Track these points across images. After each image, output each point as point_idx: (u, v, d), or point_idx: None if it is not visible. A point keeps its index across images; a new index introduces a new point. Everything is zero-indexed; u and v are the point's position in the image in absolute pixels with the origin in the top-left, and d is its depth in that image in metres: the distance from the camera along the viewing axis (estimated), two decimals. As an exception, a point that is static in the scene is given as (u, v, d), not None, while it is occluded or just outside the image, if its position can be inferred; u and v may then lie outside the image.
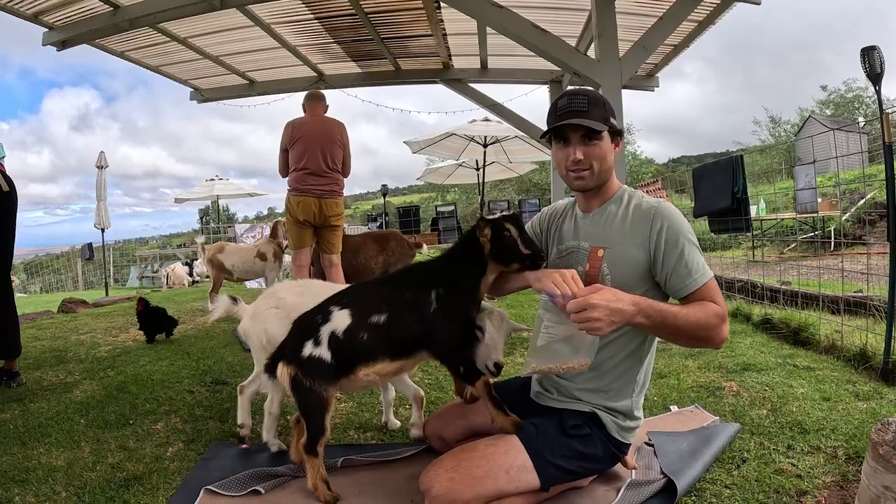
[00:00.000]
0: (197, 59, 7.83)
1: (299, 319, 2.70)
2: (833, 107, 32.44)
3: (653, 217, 2.31)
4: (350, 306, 2.58)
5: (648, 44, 5.01)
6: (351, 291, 2.79)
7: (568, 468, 2.33)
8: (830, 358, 4.28)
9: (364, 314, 2.54)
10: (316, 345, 2.50)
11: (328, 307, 2.61)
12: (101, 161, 16.11)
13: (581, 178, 2.43)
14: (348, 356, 2.51)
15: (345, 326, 2.51)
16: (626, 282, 2.31)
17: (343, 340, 2.49)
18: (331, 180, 5.79)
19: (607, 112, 2.38)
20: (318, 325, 2.55)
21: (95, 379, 4.65)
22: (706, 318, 2.17)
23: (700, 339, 2.23)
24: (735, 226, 6.79)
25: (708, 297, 2.23)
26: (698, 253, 2.28)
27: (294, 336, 2.61)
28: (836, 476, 2.52)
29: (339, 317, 2.55)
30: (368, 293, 2.73)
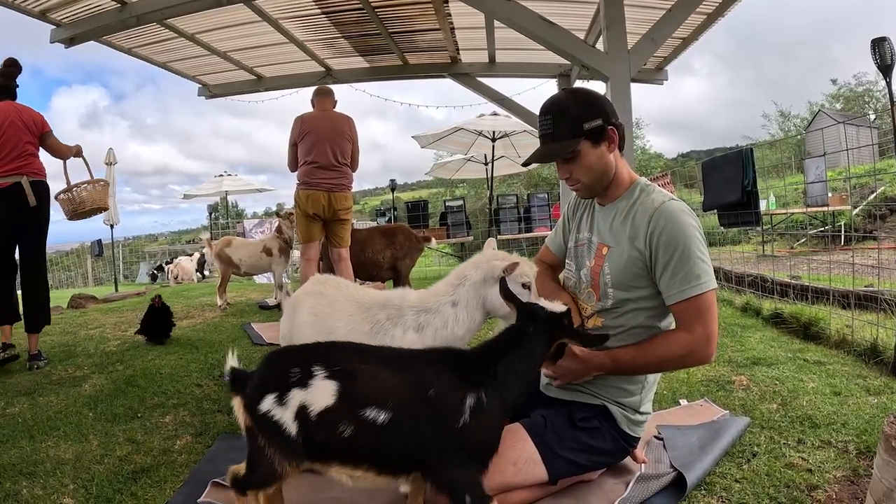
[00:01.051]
0: (205, 54, 7.84)
1: (273, 355, 2.16)
2: (843, 101, 32.22)
3: (652, 217, 2.23)
4: (340, 379, 1.97)
5: (657, 36, 4.98)
6: (353, 353, 2.14)
7: (576, 461, 2.32)
8: (841, 352, 4.25)
9: (356, 400, 1.95)
10: (279, 404, 1.94)
11: (313, 364, 2.01)
12: (109, 158, 16.11)
13: (577, 190, 2.46)
14: (319, 444, 1.95)
15: (322, 407, 1.92)
16: (624, 281, 2.30)
17: (315, 423, 1.92)
18: (340, 174, 5.79)
19: (578, 119, 2.27)
20: (289, 382, 1.97)
21: (104, 373, 4.67)
22: (667, 353, 2.18)
23: (670, 370, 2.25)
24: (745, 220, 6.74)
25: (690, 314, 2.16)
26: (698, 261, 2.15)
27: (260, 374, 2.06)
28: (847, 471, 2.50)
29: (320, 389, 1.95)
30: (375, 369, 2.04)
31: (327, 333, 2.62)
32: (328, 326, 2.67)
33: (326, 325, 2.69)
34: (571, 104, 2.31)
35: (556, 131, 2.29)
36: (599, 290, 2.38)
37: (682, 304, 2.15)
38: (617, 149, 2.36)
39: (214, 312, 7.49)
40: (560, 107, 2.33)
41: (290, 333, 2.88)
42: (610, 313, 2.37)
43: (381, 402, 1.94)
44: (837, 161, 15.30)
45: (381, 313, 2.62)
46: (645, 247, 2.23)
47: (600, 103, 2.34)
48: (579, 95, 2.39)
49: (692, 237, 2.17)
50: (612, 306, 2.36)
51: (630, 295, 2.31)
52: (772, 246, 13.04)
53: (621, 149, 2.39)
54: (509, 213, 14.62)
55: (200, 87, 9.19)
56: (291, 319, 2.90)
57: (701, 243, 2.19)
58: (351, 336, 2.57)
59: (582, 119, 2.27)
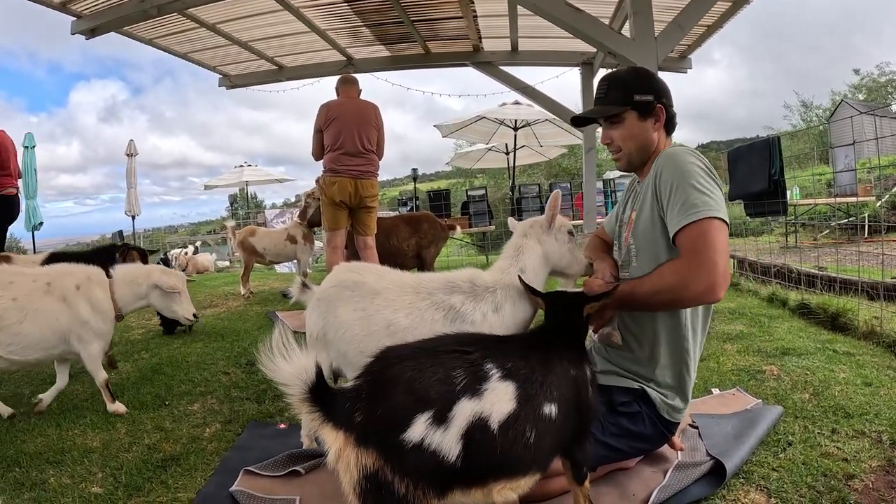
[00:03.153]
0: (226, 44, 7.84)
1: (391, 359, 1.72)
2: (866, 91, 31.79)
3: (656, 163, 2.29)
4: (514, 378, 1.71)
5: (684, 22, 4.91)
6: (500, 345, 1.87)
7: (617, 447, 2.32)
8: (870, 344, 4.21)
9: (534, 399, 1.72)
10: (438, 425, 1.56)
11: (480, 361, 1.70)
12: (130, 149, 16.27)
13: (616, 159, 2.49)
14: (488, 462, 1.63)
15: (505, 414, 1.63)
16: (645, 237, 2.32)
17: (495, 437, 1.61)
18: (367, 161, 5.76)
19: (630, 90, 2.35)
20: (455, 391, 1.61)
21: (130, 361, 4.71)
22: (660, 283, 2.12)
23: (670, 302, 2.17)
24: (771, 209, 6.67)
25: (689, 242, 2.08)
26: (698, 193, 2.09)
27: (390, 392, 1.60)
28: (882, 461, 2.48)
29: (498, 393, 1.66)
30: (531, 359, 1.81)
31: (383, 329, 2.36)
32: (383, 320, 2.37)
33: (380, 319, 2.38)
34: (628, 76, 2.43)
35: (608, 96, 2.38)
36: (625, 252, 2.44)
37: (681, 235, 2.09)
38: (663, 129, 2.41)
39: (238, 301, 7.53)
40: (617, 75, 2.44)
41: (323, 332, 2.55)
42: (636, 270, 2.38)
43: (550, 396, 1.76)
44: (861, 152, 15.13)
45: (452, 298, 2.37)
46: (653, 193, 2.26)
47: (656, 82, 2.40)
48: (638, 70, 2.51)
49: (690, 171, 2.15)
50: (638, 264, 2.37)
51: (650, 249, 2.31)
52: (795, 237, 12.91)
53: (669, 131, 2.44)
54: (531, 202, 14.57)
55: (221, 77, 9.20)
56: (325, 316, 2.54)
57: (701, 177, 2.13)
58: (417, 328, 2.31)
59: (634, 90, 2.34)
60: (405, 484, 1.53)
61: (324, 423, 1.59)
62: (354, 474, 1.54)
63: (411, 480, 1.53)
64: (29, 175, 12.66)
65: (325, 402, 1.60)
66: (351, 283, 2.53)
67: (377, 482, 1.53)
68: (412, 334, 2.27)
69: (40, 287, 3.48)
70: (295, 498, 2.45)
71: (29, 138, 12.73)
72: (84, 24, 6.21)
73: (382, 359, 1.73)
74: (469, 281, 2.42)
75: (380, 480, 1.53)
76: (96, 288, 3.61)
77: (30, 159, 12.63)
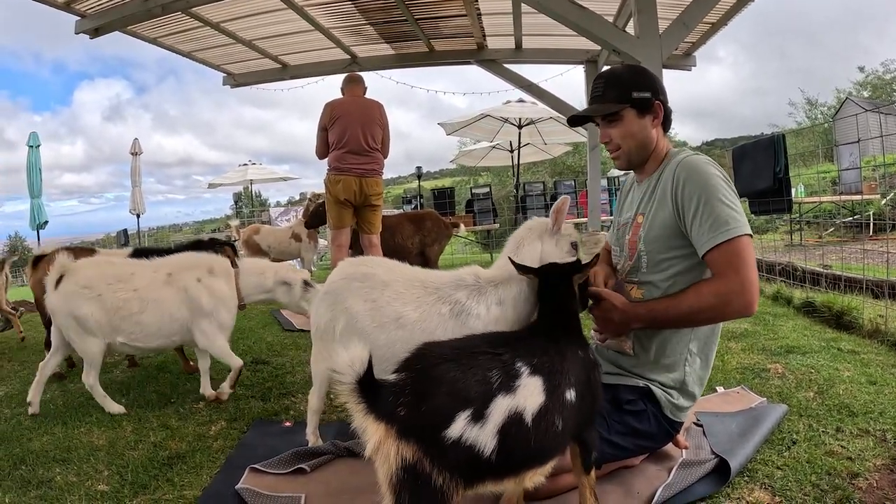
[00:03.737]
0: (230, 43, 7.86)
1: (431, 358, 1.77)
2: (871, 88, 31.68)
3: (675, 171, 2.26)
4: (541, 371, 1.78)
5: (688, 20, 4.91)
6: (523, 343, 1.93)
7: (622, 444, 2.32)
8: (874, 342, 4.20)
9: (558, 388, 1.80)
10: (476, 421, 1.63)
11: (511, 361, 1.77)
12: (134, 148, 16.31)
13: (616, 158, 2.48)
14: (523, 453, 1.71)
15: (537, 407, 1.72)
16: (658, 243, 2.31)
17: (528, 429, 1.69)
18: (371, 159, 5.76)
19: (628, 87, 2.34)
20: (491, 389, 1.68)
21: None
22: (699, 303, 2.13)
23: (707, 321, 2.22)
24: (776, 207, 6.66)
25: (724, 261, 2.10)
26: (724, 207, 2.11)
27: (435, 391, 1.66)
28: (887, 459, 2.47)
29: (529, 388, 1.73)
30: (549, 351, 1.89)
31: (393, 321, 2.41)
32: (394, 313, 2.42)
33: (390, 311, 2.43)
34: (624, 73, 2.44)
35: (605, 94, 2.36)
36: (635, 257, 2.40)
37: (714, 253, 2.10)
38: (661, 126, 2.40)
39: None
40: (613, 73, 2.43)
41: (331, 324, 2.56)
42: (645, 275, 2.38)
43: (569, 381, 1.84)
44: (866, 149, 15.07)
45: (458, 293, 2.42)
46: (672, 203, 2.24)
47: (652, 79, 2.40)
48: (634, 68, 2.53)
49: (716, 185, 2.15)
50: (648, 270, 2.36)
51: (662, 256, 2.31)
52: (800, 235, 12.86)
53: (666, 128, 2.43)
54: (536, 200, 14.59)
55: (225, 76, 9.22)
56: (333, 308, 2.57)
57: (727, 191, 2.15)
58: (426, 321, 2.38)
59: (631, 87, 2.33)
60: (442, 476, 1.59)
61: (367, 414, 1.62)
62: (393, 465, 1.59)
63: (448, 473, 1.59)
64: (33, 174, 12.72)
65: (371, 393, 1.63)
66: (360, 275, 2.56)
67: (415, 474, 1.58)
68: (420, 327, 2.35)
69: (160, 278, 3.61)
70: (300, 495, 2.45)
71: (33, 137, 12.78)
72: (88, 23, 6.22)
73: (424, 357, 1.79)
74: (473, 276, 2.48)
75: (418, 472, 1.58)
76: (219, 279, 3.72)
77: (34, 158, 12.68)
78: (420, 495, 1.58)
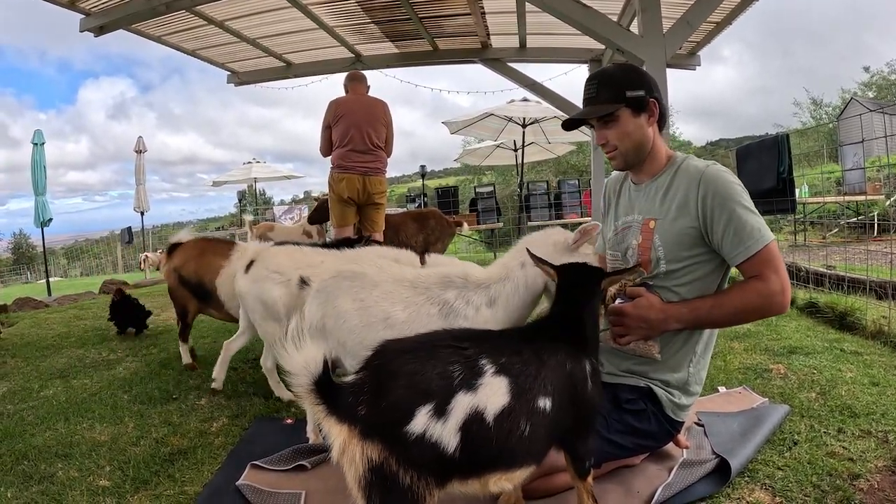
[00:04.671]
0: (234, 41, 7.85)
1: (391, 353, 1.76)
2: (876, 89, 31.59)
3: (699, 182, 2.25)
4: (508, 372, 1.72)
5: (693, 19, 4.89)
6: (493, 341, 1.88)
7: (622, 444, 2.32)
8: (877, 343, 4.18)
9: (528, 392, 1.73)
10: (438, 417, 1.59)
11: (475, 356, 1.72)
12: (139, 146, 16.39)
13: (612, 158, 2.46)
14: (485, 454, 1.66)
15: (499, 407, 1.66)
16: (678, 251, 2.30)
17: (490, 429, 1.64)
18: (375, 157, 5.78)
19: (621, 86, 2.33)
20: (453, 385, 1.64)
21: (138, 356, 4.74)
22: (744, 303, 2.17)
23: (748, 320, 2.23)
24: (780, 207, 6.66)
25: (759, 266, 2.16)
26: (752, 216, 2.18)
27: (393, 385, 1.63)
28: (888, 461, 2.47)
29: (493, 387, 1.68)
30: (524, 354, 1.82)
31: (381, 321, 2.40)
32: (382, 312, 2.41)
33: (378, 311, 2.42)
34: (617, 72, 2.41)
35: (599, 95, 2.35)
36: (651, 263, 2.36)
37: (750, 261, 2.16)
38: (657, 124, 2.39)
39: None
40: (606, 73, 2.41)
41: (322, 322, 2.57)
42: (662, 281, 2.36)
43: (545, 389, 1.77)
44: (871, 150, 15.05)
45: (447, 293, 2.41)
46: (698, 213, 2.24)
47: (645, 76, 2.39)
48: (626, 66, 2.50)
49: (742, 197, 2.20)
50: (665, 276, 2.34)
51: (682, 264, 2.31)
52: (804, 235, 12.85)
53: (661, 126, 2.43)
54: (540, 199, 14.63)
55: (229, 74, 9.21)
56: (324, 306, 2.58)
57: (749, 200, 2.21)
58: (414, 322, 2.37)
59: (625, 86, 2.32)
60: (409, 475, 1.56)
61: (328, 416, 1.60)
62: (360, 467, 1.56)
63: (415, 471, 1.56)
64: (38, 172, 12.74)
65: (330, 395, 1.60)
66: (350, 274, 2.57)
67: (382, 474, 1.55)
68: (409, 327, 2.33)
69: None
70: (300, 492, 2.46)
71: (38, 135, 12.80)
72: (92, 21, 6.22)
73: (382, 353, 1.76)
74: (463, 276, 2.45)
75: (385, 472, 1.55)
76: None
77: (39, 156, 12.70)
78: (390, 496, 1.56)
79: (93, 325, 5.81)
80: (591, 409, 1.95)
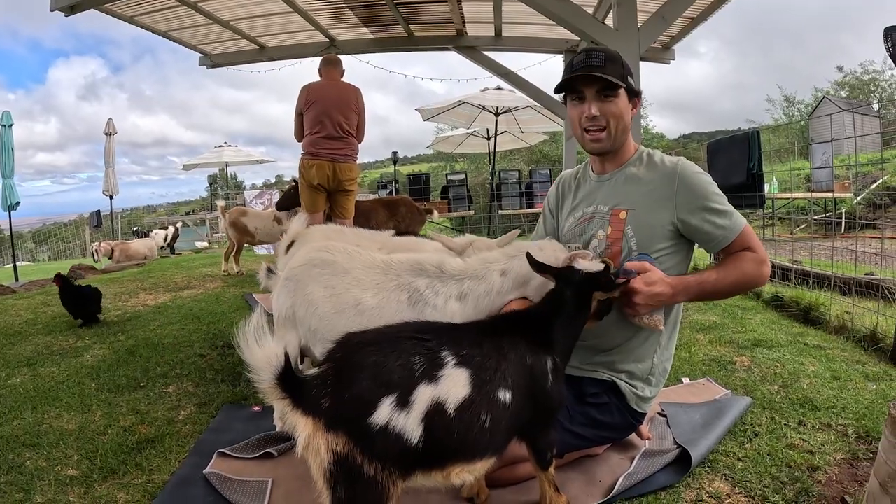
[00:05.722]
0: (207, 23, 7.71)
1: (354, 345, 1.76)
2: (848, 88, 32.00)
3: (676, 176, 2.29)
4: (469, 364, 1.74)
5: (668, 14, 4.91)
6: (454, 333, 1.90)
7: (583, 435, 2.34)
8: (840, 338, 4.26)
9: (489, 384, 1.75)
10: (401, 408, 1.60)
11: (437, 348, 1.75)
12: (109, 128, 16.12)
13: (598, 139, 2.40)
14: (446, 445, 1.68)
15: (460, 399, 1.68)
16: (651, 243, 2.32)
17: (451, 420, 1.66)
18: (345, 144, 5.76)
19: (625, 70, 2.33)
20: (415, 376, 1.66)
21: (106, 343, 4.67)
22: (744, 273, 2.23)
23: (743, 290, 2.31)
24: (749, 202, 6.72)
25: (743, 245, 2.25)
26: (726, 206, 2.27)
27: (356, 377, 1.63)
28: (847, 454, 2.52)
29: (454, 379, 1.70)
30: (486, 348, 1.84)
31: (352, 307, 2.36)
32: (353, 299, 2.37)
33: (349, 297, 2.38)
34: (618, 56, 2.37)
35: (607, 67, 2.30)
36: (622, 253, 2.36)
37: (734, 243, 2.26)
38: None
39: (215, 283, 7.49)
40: (609, 51, 2.38)
41: (292, 311, 2.52)
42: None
43: (505, 381, 1.79)
44: (840, 148, 15.27)
45: (418, 281, 2.35)
46: (672, 206, 2.28)
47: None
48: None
49: (712, 183, 2.30)
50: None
51: (655, 256, 2.33)
52: (772, 230, 13.02)
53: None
54: (511, 188, 14.67)
55: (202, 56, 9.05)
56: (294, 294, 2.53)
57: (719, 191, 2.30)
58: (384, 308, 2.33)
59: (628, 72, 2.35)
60: (374, 466, 1.56)
61: (293, 409, 1.61)
62: (325, 459, 1.56)
63: (379, 463, 1.57)
64: (5, 154, 12.48)
65: (294, 388, 1.61)
66: (320, 261, 2.52)
67: (347, 466, 1.55)
68: (379, 314, 2.29)
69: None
70: (268, 480, 2.45)
71: (6, 116, 12.54)
72: (63, 0, 6.10)
73: (344, 345, 1.76)
74: (437, 266, 2.39)
75: (350, 464, 1.55)
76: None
77: (7, 137, 12.45)
78: (355, 488, 1.57)
79: (60, 311, 5.69)
80: (551, 403, 1.97)
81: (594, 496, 2.27)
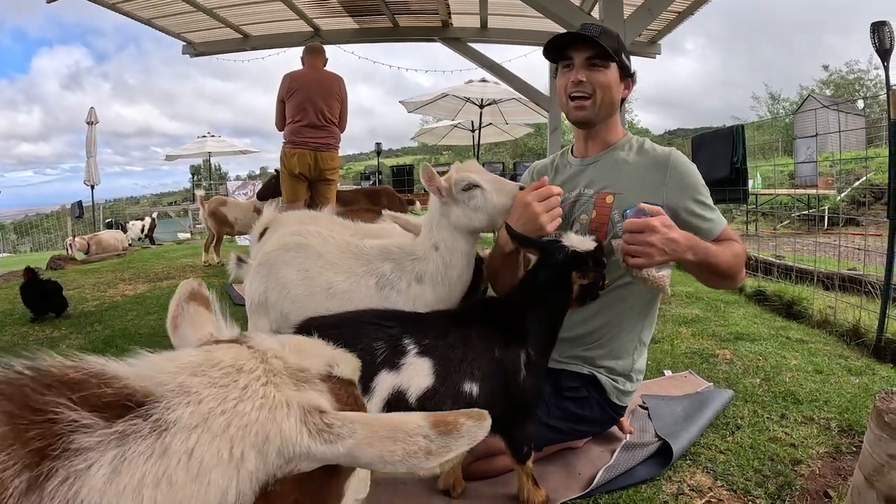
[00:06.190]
0: (190, 11, 7.64)
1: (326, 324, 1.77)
2: (833, 87, 32.31)
3: (668, 164, 2.25)
4: (432, 355, 1.74)
5: (653, 7, 4.90)
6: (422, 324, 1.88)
7: (562, 429, 2.31)
8: (823, 332, 4.25)
9: (453, 376, 1.74)
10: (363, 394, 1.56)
11: (399, 336, 1.75)
12: (91, 117, 15.92)
13: (581, 107, 2.31)
14: None
15: (422, 389, 1.68)
16: None
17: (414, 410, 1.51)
18: (327, 133, 5.71)
19: (619, 47, 2.27)
20: (376, 363, 1.67)
21: (82, 333, 4.62)
22: (734, 258, 2.16)
23: (727, 278, 2.18)
24: (733, 196, 6.74)
25: (729, 238, 2.23)
26: (711, 203, 2.26)
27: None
28: (830, 447, 2.50)
29: (416, 368, 1.70)
30: (450, 339, 1.82)
31: (324, 290, 2.30)
32: (325, 282, 2.31)
33: (322, 280, 2.32)
34: (616, 33, 2.33)
35: (601, 37, 2.23)
36: (607, 238, 2.28)
37: (721, 236, 2.24)
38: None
39: (196, 273, 7.41)
40: (607, 28, 2.33)
41: (265, 296, 2.44)
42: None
43: (471, 375, 1.75)
44: (824, 146, 15.37)
45: (384, 265, 2.30)
46: (662, 194, 2.23)
47: None
48: None
49: (703, 183, 2.28)
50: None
51: None
52: (756, 225, 13.08)
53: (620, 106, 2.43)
54: (495, 180, 14.63)
55: (185, 45, 8.97)
56: (267, 279, 2.44)
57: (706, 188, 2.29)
58: (354, 292, 2.28)
59: (621, 49, 2.29)
60: None
61: None
62: None
63: None
64: (-14, 143, 12.31)
65: None
66: (294, 245, 2.45)
67: None
68: (349, 298, 2.25)
69: None
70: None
71: (-13, 105, 12.36)
72: (46, -13, 6.01)
73: (306, 329, 1.75)
74: (399, 249, 2.33)
75: None
76: None
77: (-13, 125, 12.27)
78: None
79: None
80: (526, 398, 1.92)
81: (573, 489, 2.24)
